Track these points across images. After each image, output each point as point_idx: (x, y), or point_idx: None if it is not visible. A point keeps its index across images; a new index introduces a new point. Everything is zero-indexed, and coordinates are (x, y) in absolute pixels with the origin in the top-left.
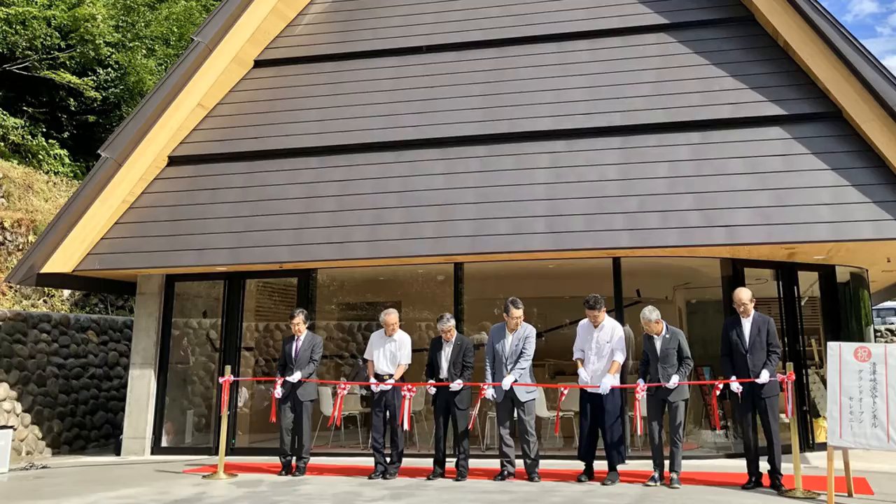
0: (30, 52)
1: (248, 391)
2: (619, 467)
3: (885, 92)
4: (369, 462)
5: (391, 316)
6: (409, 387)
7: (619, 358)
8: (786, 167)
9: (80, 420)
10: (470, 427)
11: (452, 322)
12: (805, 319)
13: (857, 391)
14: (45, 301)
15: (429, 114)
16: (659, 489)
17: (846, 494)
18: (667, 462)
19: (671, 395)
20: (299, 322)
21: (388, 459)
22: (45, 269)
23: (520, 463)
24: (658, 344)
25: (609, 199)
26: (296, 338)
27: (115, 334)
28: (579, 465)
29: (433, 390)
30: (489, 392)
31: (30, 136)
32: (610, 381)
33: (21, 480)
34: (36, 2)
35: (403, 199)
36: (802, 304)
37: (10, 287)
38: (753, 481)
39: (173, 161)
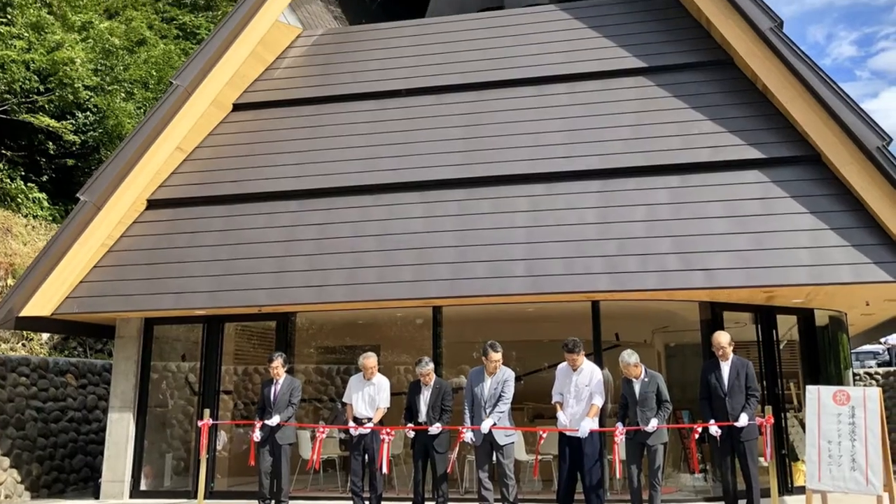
0: (8, 96)
1: (226, 434)
2: None
3: (863, 135)
4: None
5: (370, 360)
6: (388, 430)
7: (598, 401)
8: (765, 210)
9: (59, 463)
10: (449, 470)
11: (431, 366)
12: (784, 363)
13: (836, 435)
14: (23, 344)
15: (407, 157)
16: None
17: None
18: None
19: (650, 439)
20: (278, 365)
21: (366, 503)
22: (24, 313)
23: None
24: (637, 387)
25: (588, 242)
26: (274, 381)
27: (94, 378)
28: None
29: (412, 434)
30: (468, 435)
31: (8, 180)
32: (589, 425)
33: None
34: (14, 45)
35: (382, 243)
36: (781, 347)
37: None
38: None
39: (152, 204)
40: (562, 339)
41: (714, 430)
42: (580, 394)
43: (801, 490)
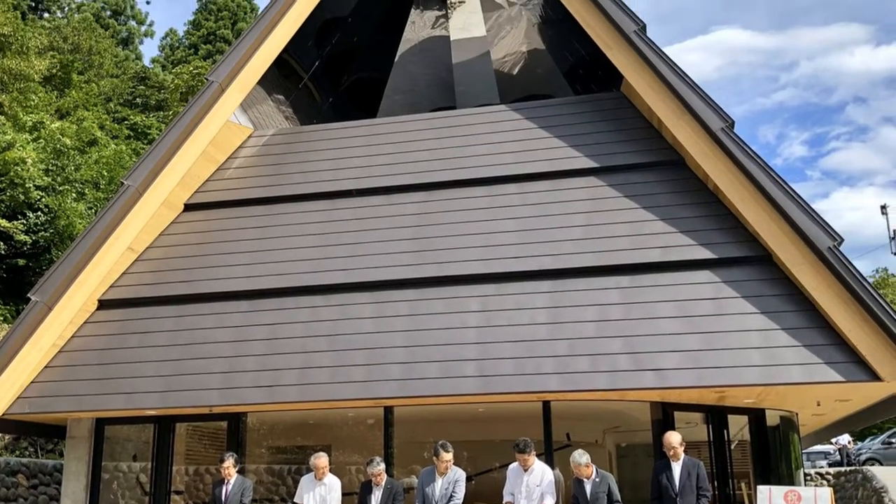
0: None
1: None
2: None
3: (814, 235)
4: None
5: (321, 460)
6: None
7: (549, 501)
8: (716, 311)
9: None
10: None
11: (382, 466)
12: (735, 463)
13: None
14: None
15: (358, 257)
16: None
17: None
18: None
19: None
20: (229, 466)
21: None
22: None
23: None
24: (588, 487)
25: (539, 342)
26: (226, 481)
27: (46, 478)
28: None
29: None
30: None
31: None
32: None
33: None
34: None
35: (333, 343)
36: (732, 447)
37: None
38: None
39: (103, 304)
40: (513, 439)
41: None
42: (531, 494)
43: None
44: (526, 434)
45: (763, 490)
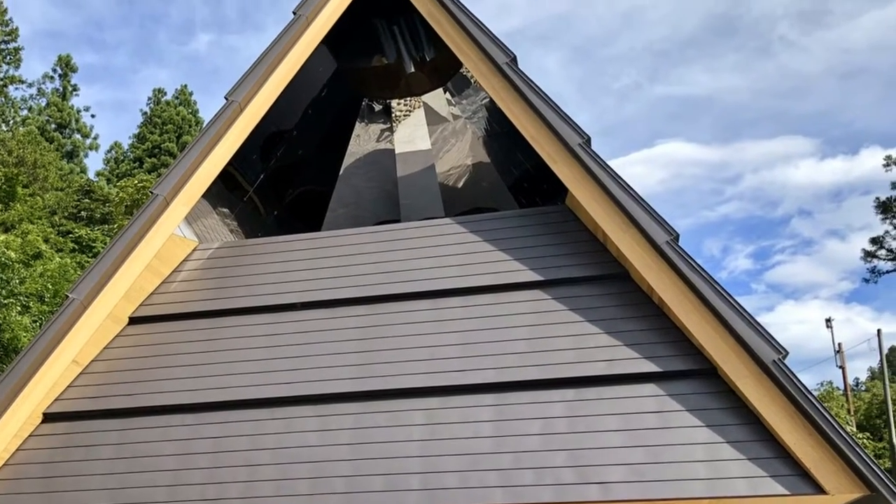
0: None
1: None
2: None
3: (758, 348)
4: None
5: None
6: None
7: None
8: (661, 424)
9: None
10: None
11: None
12: None
13: None
14: None
15: (302, 370)
16: None
17: None
18: None
19: None
20: None
21: None
22: None
23: None
24: None
25: (483, 455)
26: None
27: None
28: None
29: None
30: None
31: None
32: None
33: None
34: None
35: (277, 456)
36: None
37: None
38: None
39: (48, 418)
40: None
41: None
42: None
43: None
44: None
45: None
